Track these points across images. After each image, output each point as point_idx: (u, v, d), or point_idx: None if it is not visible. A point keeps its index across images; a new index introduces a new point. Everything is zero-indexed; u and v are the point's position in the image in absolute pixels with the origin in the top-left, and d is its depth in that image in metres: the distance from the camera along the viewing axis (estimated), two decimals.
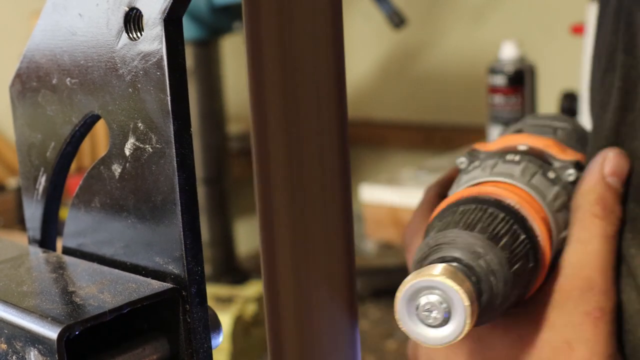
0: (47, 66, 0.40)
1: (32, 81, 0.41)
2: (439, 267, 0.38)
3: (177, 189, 0.34)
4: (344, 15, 0.36)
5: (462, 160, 0.50)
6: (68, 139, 0.40)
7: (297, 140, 0.36)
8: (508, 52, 1.28)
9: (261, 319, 1.54)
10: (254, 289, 1.62)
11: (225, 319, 1.49)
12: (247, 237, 2.04)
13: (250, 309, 1.57)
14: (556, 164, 0.47)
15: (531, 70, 1.29)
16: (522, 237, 0.41)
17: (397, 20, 1.57)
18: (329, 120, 0.38)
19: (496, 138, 0.53)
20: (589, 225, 0.45)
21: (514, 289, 0.41)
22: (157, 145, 0.34)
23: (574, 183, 0.48)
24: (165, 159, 0.34)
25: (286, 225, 0.37)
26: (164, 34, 0.33)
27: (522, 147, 0.49)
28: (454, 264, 0.39)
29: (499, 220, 0.42)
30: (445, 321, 0.37)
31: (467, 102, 2.08)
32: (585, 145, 0.51)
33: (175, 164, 0.34)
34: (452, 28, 2.13)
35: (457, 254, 0.40)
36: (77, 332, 0.32)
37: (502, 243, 0.41)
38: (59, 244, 0.43)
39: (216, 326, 0.37)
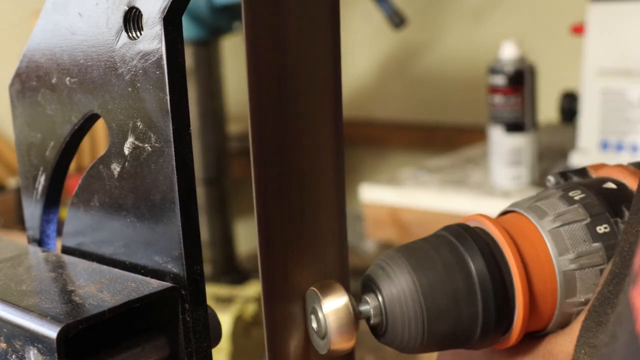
0: (46, 65, 0.40)
1: (31, 80, 0.41)
2: (336, 288, 0.37)
3: (176, 188, 0.34)
4: (344, 15, 0.36)
5: (549, 179, 0.44)
6: (67, 138, 0.40)
7: (294, 140, 0.36)
8: (508, 52, 1.28)
9: (261, 319, 1.53)
10: (254, 289, 1.62)
11: (225, 319, 1.49)
12: (247, 237, 2.04)
13: (250, 309, 1.57)
14: (628, 218, 0.39)
15: (531, 70, 1.29)
16: (477, 277, 0.37)
17: (397, 20, 1.57)
18: (324, 120, 0.38)
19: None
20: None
21: (452, 332, 0.37)
22: (156, 145, 0.34)
23: None
24: (165, 158, 0.34)
25: (282, 225, 0.37)
26: (163, 33, 0.33)
27: (609, 185, 0.41)
28: (369, 283, 0.38)
29: (452, 254, 0.38)
30: (322, 334, 0.37)
31: (467, 102, 2.08)
32: None
33: (175, 163, 0.34)
34: (452, 28, 2.12)
35: (381, 279, 0.38)
36: (76, 332, 0.32)
37: (442, 280, 0.37)
38: (59, 244, 0.43)
39: (216, 326, 0.37)
